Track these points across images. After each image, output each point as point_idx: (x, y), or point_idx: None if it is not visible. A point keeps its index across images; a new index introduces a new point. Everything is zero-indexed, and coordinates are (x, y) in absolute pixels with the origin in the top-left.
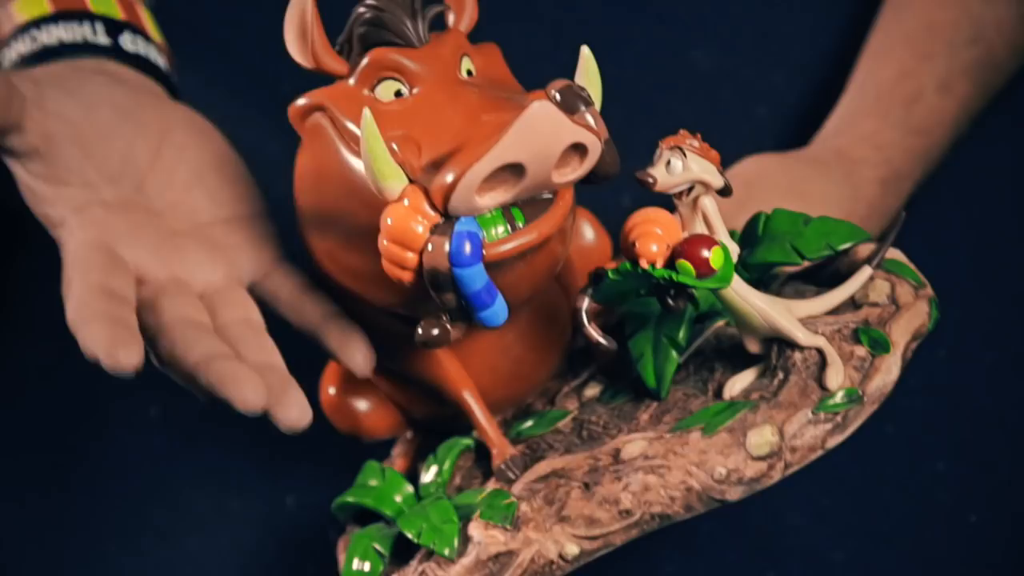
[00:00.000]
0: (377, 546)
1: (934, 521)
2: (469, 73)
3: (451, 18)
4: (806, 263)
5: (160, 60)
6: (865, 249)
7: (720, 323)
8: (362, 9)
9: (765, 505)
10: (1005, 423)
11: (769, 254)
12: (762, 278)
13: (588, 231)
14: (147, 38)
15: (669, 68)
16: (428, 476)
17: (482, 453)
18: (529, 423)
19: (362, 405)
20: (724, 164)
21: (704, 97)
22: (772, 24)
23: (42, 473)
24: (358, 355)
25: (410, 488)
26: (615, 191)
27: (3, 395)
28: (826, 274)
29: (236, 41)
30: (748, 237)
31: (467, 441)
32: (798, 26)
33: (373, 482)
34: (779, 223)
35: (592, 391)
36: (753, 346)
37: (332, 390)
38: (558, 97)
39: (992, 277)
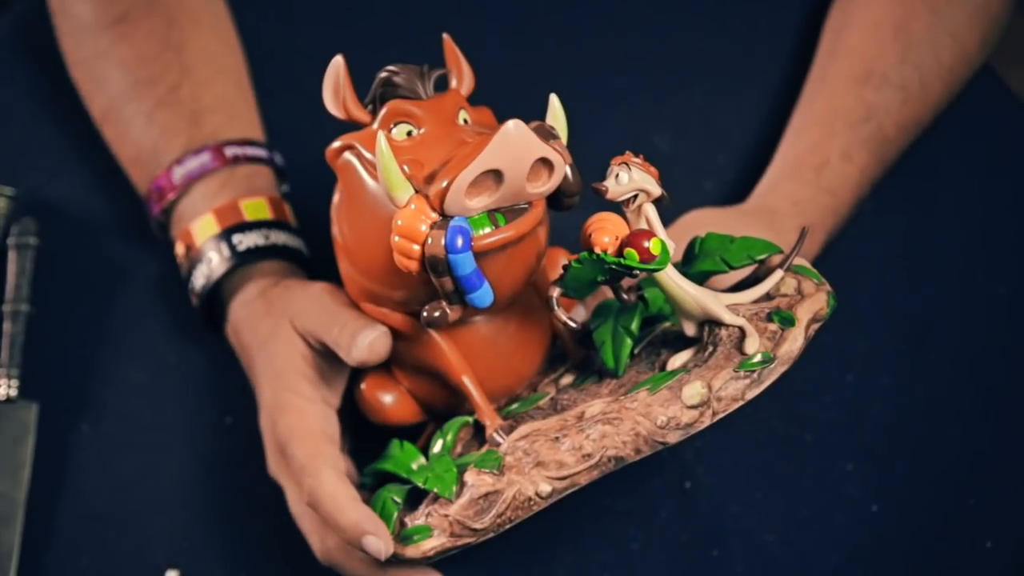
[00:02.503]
0: (394, 497)
1: (844, 510)
2: (465, 122)
3: (453, 82)
4: (732, 271)
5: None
6: (777, 258)
7: (666, 324)
8: (383, 74)
9: (711, 498)
10: (900, 431)
11: (703, 264)
12: None
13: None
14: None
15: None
16: (436, 448)
17: (479, 429)
18: (516, 405)
19: (387, 398)
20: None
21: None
22: (716, 115)
23: None
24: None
25: (423, 459)
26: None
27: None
28: (747, 282)
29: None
30: (687, 255)
31: (467, 419)
32: (736, 116)
33: (394, 453)
34: (711, 243)
35: (567, 380)
36: (689, 329)
37: (363, 386)
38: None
39: (890, 316)
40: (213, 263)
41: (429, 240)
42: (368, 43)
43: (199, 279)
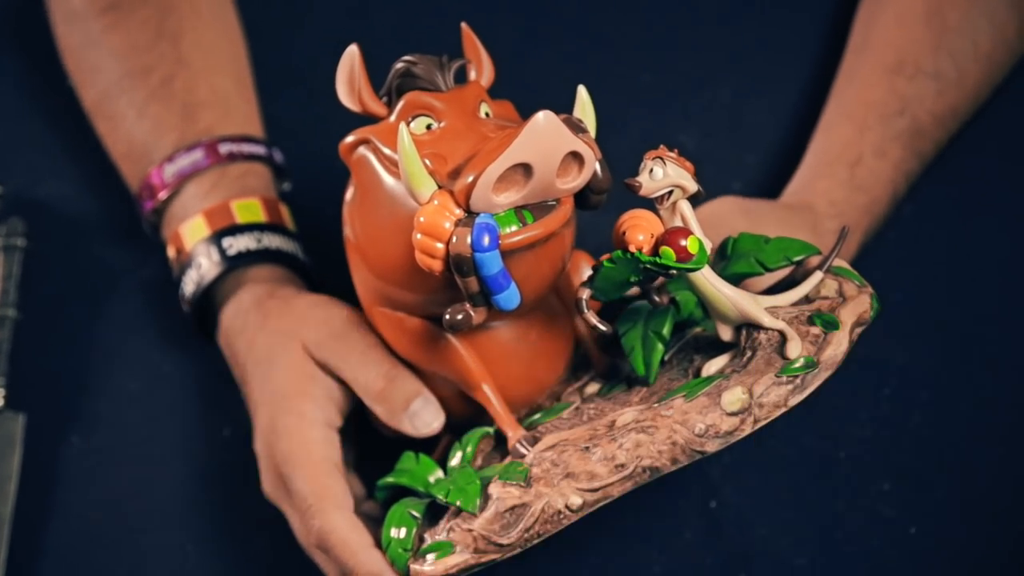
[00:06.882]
0: (412, 511)
1: (880, 533)
2: (487, 115)
3: (472, 74)
4: (767, 273)
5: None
6: (815, 260)
7: (698, 329)
8: (400, 64)
9: (738, 518)
10: (940, 449)
11: (737, 267)
12: None
13: (588, 269)
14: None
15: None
16: (455, 460)
17: (500, 441)
18: (538, 415)
19: None
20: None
21: None
22: (744, 112)
23: None
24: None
25: (441, 472)
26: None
27: None
28: (783, 284)
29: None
30: (719, 256)
31: (487, 429)
32: (765, 113)
33: (409, 466)
34: (744, 243)
35: (592, 388)
36: (725, 334)
37: None
38: None
39: (930, 327)
40: (203, 268)
41: (454, 238)
42: (380, 35)
43: (189, 284)
